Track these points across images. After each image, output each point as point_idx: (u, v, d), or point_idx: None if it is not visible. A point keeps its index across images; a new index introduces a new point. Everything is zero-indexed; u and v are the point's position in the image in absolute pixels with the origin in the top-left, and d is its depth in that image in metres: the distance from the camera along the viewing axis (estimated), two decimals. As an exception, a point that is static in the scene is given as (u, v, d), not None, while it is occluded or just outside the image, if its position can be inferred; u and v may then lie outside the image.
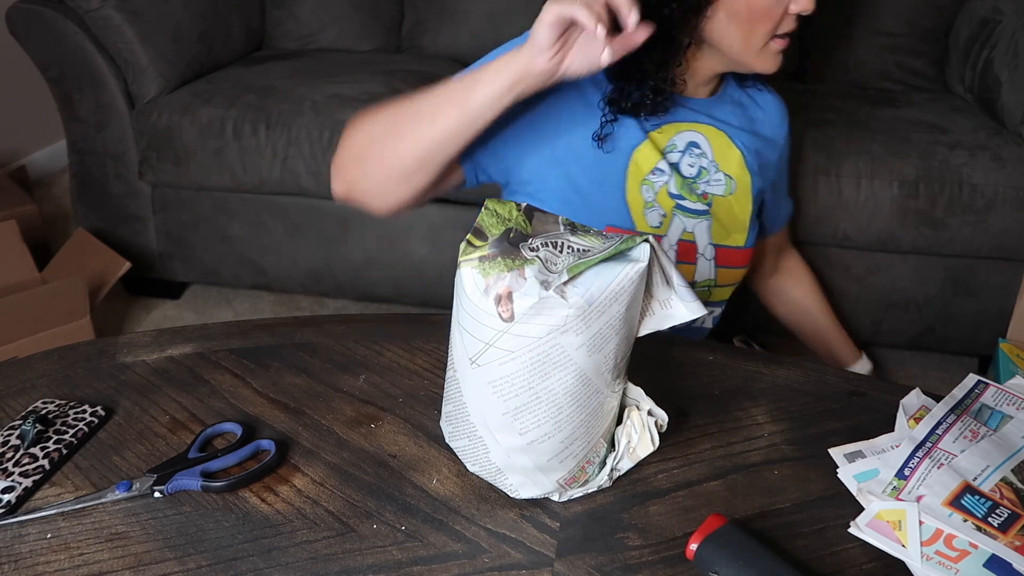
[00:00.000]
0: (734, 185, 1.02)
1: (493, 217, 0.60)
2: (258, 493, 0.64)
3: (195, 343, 0.82)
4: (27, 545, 0.59)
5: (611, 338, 0.57)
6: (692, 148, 0.99)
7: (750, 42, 0.93)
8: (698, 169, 0.99)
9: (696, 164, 0.99)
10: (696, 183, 1.00)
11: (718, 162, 1.01)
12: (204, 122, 1.80)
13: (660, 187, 0.97)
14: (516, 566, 0.58)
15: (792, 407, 0.75)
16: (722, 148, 1.01)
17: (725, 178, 1.01)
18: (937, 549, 0.57)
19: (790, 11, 0.92)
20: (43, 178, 2.70)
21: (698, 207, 1.00)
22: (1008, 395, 0.73)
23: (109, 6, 1.79)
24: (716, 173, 1.01)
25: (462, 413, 0.61)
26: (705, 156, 1.00)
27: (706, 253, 1.02)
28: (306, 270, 1.94)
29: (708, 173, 1.00)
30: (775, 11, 0.91)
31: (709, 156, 1.00)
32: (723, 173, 1.01)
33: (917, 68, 2.02)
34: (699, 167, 0.99)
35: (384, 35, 2.29)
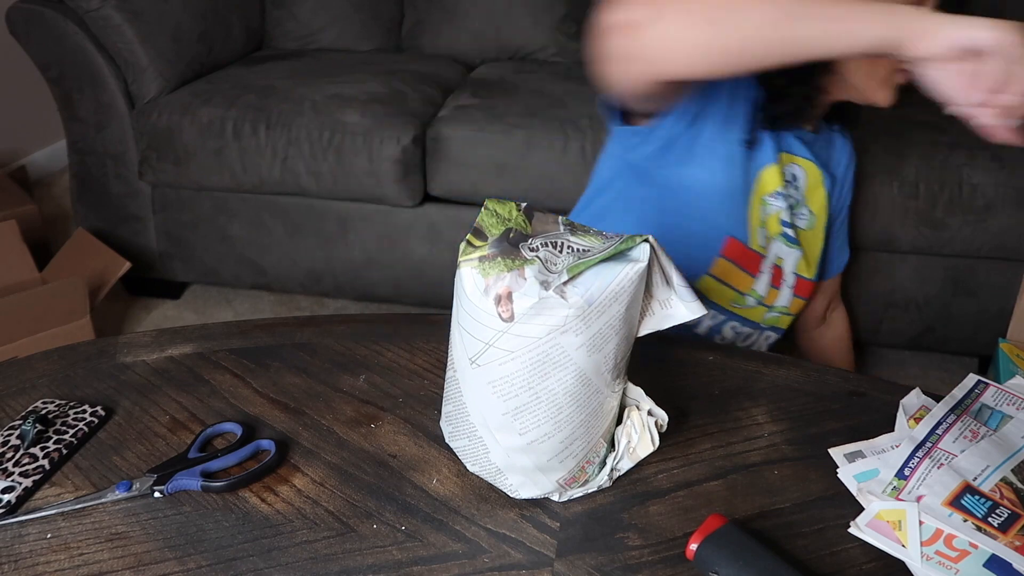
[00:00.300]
0: (815, 221, 1.04)
1: (493, 217, 0.60)
2: (258, 493, 0.64)
3: (195, 343, 0.82)
4: (27, 545, 0.59)
5: (611, 338, 0.57)
6: (793, 181, 1.00)
7: (875, 72, 0.90)
8: (793, 201, 1.00)
9: (792, 196, 1.00)
10: (794, 214, 1.01)
11: (807, 197, 1.02)
12: (204, 122, 1.80)
13: (773, 212, 0.97)
14: (516, 566, 0.58)
15: (792, 407, 0.75)
16: (813, 185, 1.02)
17: (809, 214, 1.03)
18: (937, 549, 0.57)
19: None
20: (43, 178, 2.70)
21: (795, 237, 1.01)
22: (1008, 395, 0.73)
23: (109, 6, 1.79)
24: (803, 208, 1.02)
25: (462, 413, 0.61)
26: (799, 190, 1.01)
27: (788, 281, 1.04)
28: (306, 270, 1.94)
29: (799, 206, 1.02)
30: None
31: (802, 190, 1.01)
32: (807, 208, 1.03)
33: (917, 68, 2.02)
34: (794, 199, 1.00)
35: (384, 35, 2.29)
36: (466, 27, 2.21)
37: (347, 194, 1.82)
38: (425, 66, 2.07)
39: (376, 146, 1.74)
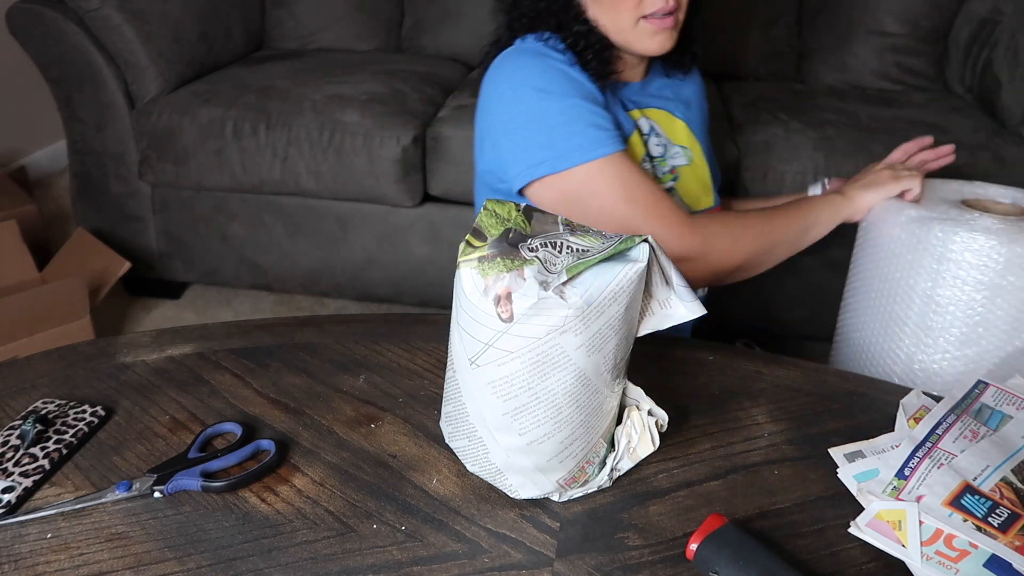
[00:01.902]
0: (690, 154, 1.07)
1: (492, 217, 0.60)
2: (258, 493, 0.64)
3: (195, 343, 0.82)
4: (27, 545, 0.59)
5: (610, 338, 0.57)
6: (653, 130, 1.05)
7: (618, 23, 0.96)
8: (662, 147, 1.05)
9: (660, 143, 1.05)
10: (664, 160, 1.05)
11: (670, 137, 1.06)
12: (204, 122, 1.80)
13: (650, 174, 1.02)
14: (516, 566, 0.58)
15: (792, 407, 0.75)
16: (668, 124, 1.07)
17: (681, 150, 1.07)
18: (937, 549, 0.57)
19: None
20: (43, 178, 2.70)
21: (667, 186, 1.05)
22: (1008, 395, 0.73)
23: (109, 6, 1.79)
24: (673, 148, 1.06)
25: (462, 413, 0.61)
26: (661, 135, 1.05)
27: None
28: (306, 270, 1.94)
29: (668, 149, 1.06)
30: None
31: (663, 134, 1.05)
32: (678, 146, 1.07)
33: (917, 68, 2.02)
34: (663, 145, 1.05)
35: (384, 35, 2.29)
36: (466, 27, 2.21)
37: (347, 194, 1.82)
38: (425, 66, 2.07)
39: (376, 146, 1.74)
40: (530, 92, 0.93)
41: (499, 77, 0.97)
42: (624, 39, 0.98)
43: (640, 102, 1.05)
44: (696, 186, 1.07)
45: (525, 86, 0.94)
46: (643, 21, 0.95)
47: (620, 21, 0.96)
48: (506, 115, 0.96)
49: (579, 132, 0.91)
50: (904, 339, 0.96)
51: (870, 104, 1.86)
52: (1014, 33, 1.75)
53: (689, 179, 1.06)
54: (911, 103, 1.88)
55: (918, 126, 1.71)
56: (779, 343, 1.85)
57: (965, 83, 1.93)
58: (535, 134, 0.93)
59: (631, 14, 0.95)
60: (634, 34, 0.97)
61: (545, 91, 0.93)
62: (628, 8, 0.94)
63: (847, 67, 2.05)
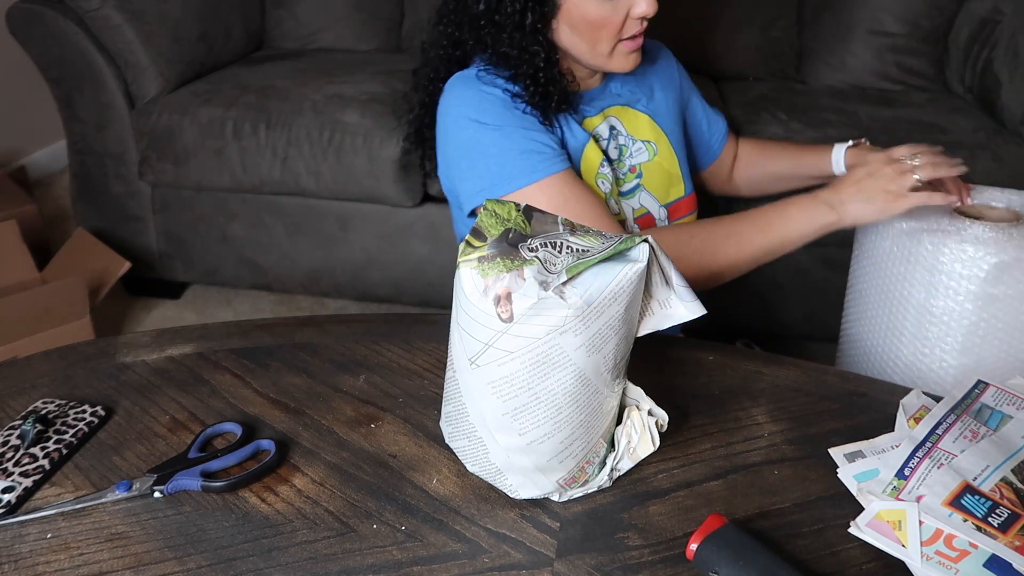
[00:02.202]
0: (655, 147, 1.08)
1: (492, 218, 0.60)
2: (258, 493, 0.64)
3: (195, 343, 0.82)
4: (27, 545, 0.59)
5: (610, 338, 0.57)
6: (613, 132, 1.06)
7: (596, 49, 0.97)
8: (619, 148, 1.06)
9: (617, 145, 1.06)
10: (622, 161, 1.06)
11: (632, 134, 1.07)
12: (204, 122, 1.80)
13: (612, 180, 1.03)
14: (516, 566, 0.58)
15: (792, 407, 0.75)
16: (630, 120, 1.07)
17: (644, 144, 1.07)
18: (937, 549, 0.57)
19: (633, 15, 0.95)
20: (43, 178, 2.70)
21: (631, 185, 1.06)
22: (1008, 395, 0.73)
23: (109, 6, 1.79)
24: (635, 144, 1.07)
25: (462, 413, 0.61)
26: (622, 134, 1.06)
27: (659, 216, 1.08)
28: (306, 270, 1.94)
29: (628, 147, 1.06)
30: (613, 19, 0.94)
31: (625, 132, 1.06)
32: (641, 141, 1.07)
33: (917, 68, 2.02)
34: (619, 146, 1.06)
35: (384, 35, 2.29)
36: (466, 27, 2.21)
37: (347, 194, 1.82)
38: (425, 66, 2.07)
39: (376, 146, 1.74)
40: (467, 124, 0.97)
41: (443, 109, 1.01)
42: (600, 62, 0.99)
43: (600, 105, 1.06)
44: (661, 179, 1.08)
45: (463, 118, 0.98)
46: (620, 44, 0.97)
47: (599, 46, 0.97)
48: (449, 146, 1.00)
49: (511, 160, 0.95)
50: (903, 349, 0.96)
51: (870, 104, 1.86)
52: (1014, 33, 1.75)
53: (653, 173, 1.07)
54: (911, 103, 1.88)
55: (918, 126, 1.71)
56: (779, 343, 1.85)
57: (965, 83, 1.93)
58: (474, 163, 0.97)
59: (611, 40, 0.96)
60: (611, 57, 0.98)
61: (480, 122, 0.96)
62: (609, 34, 0.95)
63: (847, 67, 2.05)
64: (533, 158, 0.95)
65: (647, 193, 1.07)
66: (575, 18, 0.95)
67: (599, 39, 0.96)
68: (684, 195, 1.11)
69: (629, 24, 0.95)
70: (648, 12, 0.94)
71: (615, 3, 0.93)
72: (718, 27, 2.08)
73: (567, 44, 0.98)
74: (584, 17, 0.94)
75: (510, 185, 0.94)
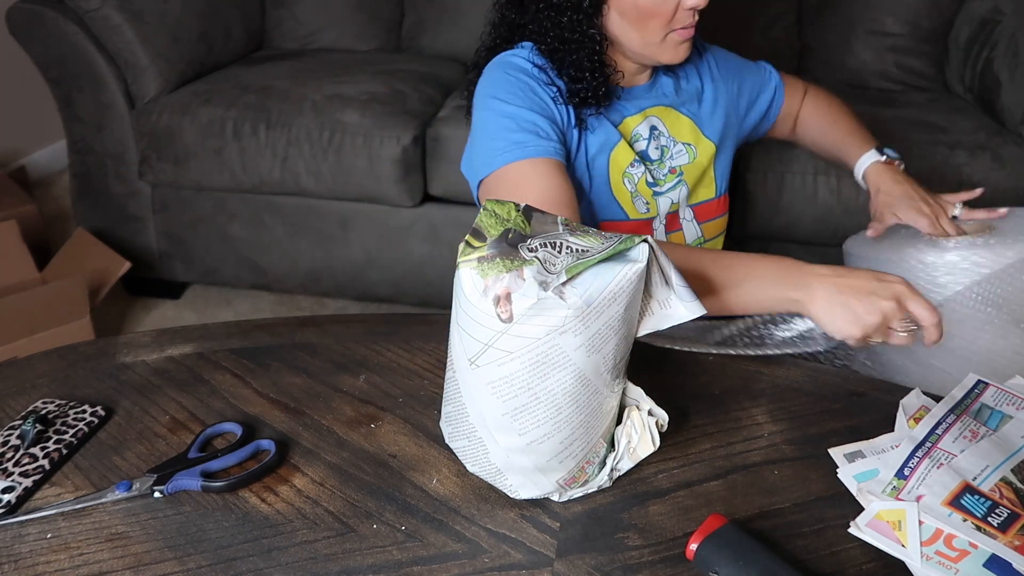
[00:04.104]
0: (695, 150, 1.08)
1: (492, 218, 0.60)
2: (258, 493, 0.64)
3: (195, 343, 0.82)
4: (27, 545, 0.59)
5: (610, 338, 0.57)
6: (654, 132, 1.06)
7: (646, 38, 0.97)
8: (661, 149, 1.06)
9: (659, 145, 1.06)
10: (663, 162, 1.06)
11: (674, 136, 1.07)
12: (204, 122, 1.80)
13: (639, 178, 1.03)
14: (516, 566, 0.58)
15: (792, 407, 0.75)
16: (672, 122, 1.07)
17: (685, 147, 1.08)
18: (937, 549, 0.57)
19: (684, 6, 0.94)
20: (43, 178, 2.70)
21: (668, 184, 1.06)
22: (1008, 395, 0.73)
23: (109, 6, 1.79)
24: (676, 146, 1.07)
25: (461, 414, 0.61)
26: (664, 135, 1.06)
27: (686, 216, 1.09)
28: (306, 270, 1.94)
29: (670, 149, 1.07)
30: (664, 8, 0.94)
31: (667, 133, 1.07)
32: (682, 143, 1.07)
33: (917, 68, 2.02)
34: (661, 147, 1.06)
35: (384, 35, 2.29)
36: (466, 27, 2.21)
37: (347, 194, 1.82)
38: (425, 66, 2.07)
39: (376, 146, 1.74)
40: (488, 102, 0.98)
41: (478, 90, 1.02)
42: (650, 52, 0.99)
43: (642, 104, 1.06)
44: (695, 180, 1.09)
45: (487, 96, 0.98)
46: (672, 34, 0.97)
47: (649, 35, 0.96)
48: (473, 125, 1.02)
49: (503, 137, 0.94)
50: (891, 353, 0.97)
51: (870, 104, 1.86)
52: (1014, 33, 1.75)
53: (690, 175, 1.08)
54: (911, 103, 1.88)
55: (918, 126, 1.71)
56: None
57: (965, 83, 1.93)
58: (480, 140, 0.98)
59: (662, 29, 0.96)
60: (661, 47, 0.98)
61: (497, 99, 0.97)
62: (660, 24, 0.95)
63: (847, 67, 2.05)
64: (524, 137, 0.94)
65: (685, 188, 1.07)
66: (626, 5, 0.94)
67: (649, 28, 0.95)
68: (714, 197, 1.11)
69: (681, 15, 0.95)
70: (699, 3, 0.93)
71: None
72: (718, 27, 2.08)
73: (617, 32, 0.97)
74: (635, 4, 0.94)
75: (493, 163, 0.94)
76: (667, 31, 0.96)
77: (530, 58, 1.00)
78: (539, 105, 0.97)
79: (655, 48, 0.98)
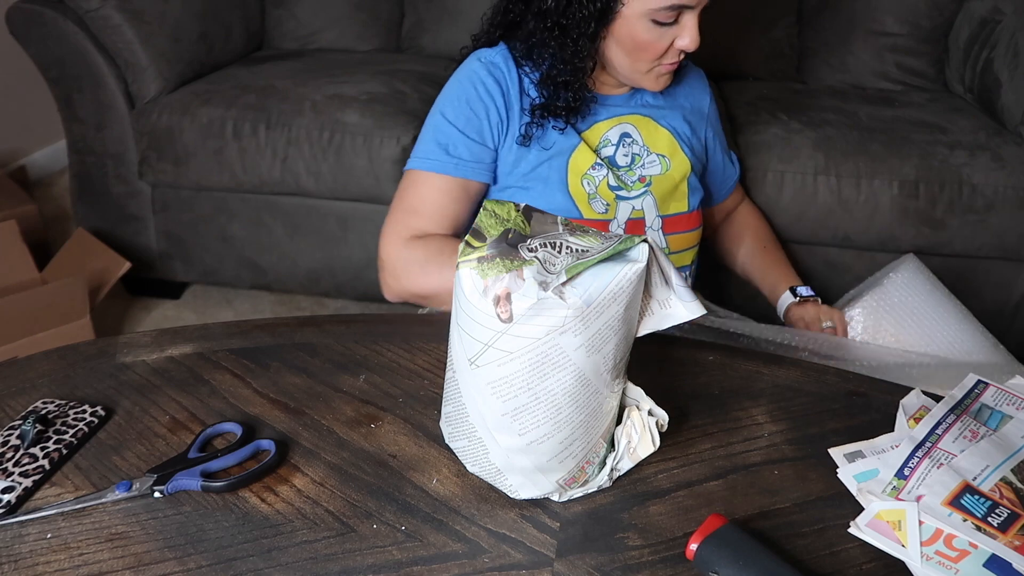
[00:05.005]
0: (669, 162, 1.11)
1: (492, 218, 0.60)
2: (258, 493, 0.64)
3: (195, 343, 0.82)
4: (27, 545, 0.59)
5: (610, 338, 0.57)
6: (624, 139, 1.09)
7: (635, 67, 1.02)
8: (631, 156, 1.09)
9: (629, 152, 1.09)
10: (632, 169, 1.09)
11: (648, 145, 1.10)
12: (204, 122, 1.80)
13: (600, 181, 1.06)
14: (516, 566, 0.58)
15: (792, 407, 0.75)
16: (650, 132, 1.10)
17: (659, 158, 1.10)
18: (937, 549, 0.57)
19: (676, 46, 1.00)
20: (43, 178, 2.70)
21: (636, 192, 1.08)
22: (1008, 395, 0.73)
23: (109, 6, 1.79)
24: (649, 156, 1.10)
25: (461, 414, 0.61)
26: (637, 143, 1.09)
27: (654, 225, 1.11)
28: (306, 270, 1.94)
29: (642, 158, 1.09)
30: (658, 44, 0.99)
31: (640, 142, 1.09)
32: (656, 154, 1.10)
33: (917, 68, 2.02)
34: (632, 154, 1.09)
35: (384, 35, 2.29)
36: (466, 27, 2.19)
37: (347, 194, 1.82)
38: (425, 66, 2.07)
39: (376, 146, 1.74)
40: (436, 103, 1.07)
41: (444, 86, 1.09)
42: (635, 78, 1.04)
43: (617, 111, 1.09)
44: (667, 192, 1.11)
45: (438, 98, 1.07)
46: (659, 66, 1.02)
47: (638, 65, 1.02)
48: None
49: (424, 143, 1.06)
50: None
51: (870, 104, 1.86)
52: (1014, 33, 1.75)
53: (661, 185, 1.10)
54: (911, 103, 1.88)
55: (918, 126, 1.71)
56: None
57: (965, 83, 1.93)
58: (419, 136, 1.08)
59: (651, 62, 1.01)
60: (645, 76, 1.04)
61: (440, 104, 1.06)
62: (650, 57, 1.00)
63: (847, 67, 2.05)
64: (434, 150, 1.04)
65: (651, 198, 1.09)
66: (623, 35, 0.99)
67: (640, 59, 1.01)
68: (686, 211, 1.13)
69: (670, 52, 1.00)
70: (690, 47, 0.99)
71: (663, 31, 0.97)
72: (718, 27, 2.08)
73: (609, 55, 1.03)
74: (632, 36, 0.98)
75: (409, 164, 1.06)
76: (655, 64, 1.01)
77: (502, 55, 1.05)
78: (469, 121, 1.03)
79: (640, 76, 1.03)
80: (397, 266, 1.03)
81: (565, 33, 0.99)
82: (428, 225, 1.04)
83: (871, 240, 1.66)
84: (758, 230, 1.38)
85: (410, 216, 1.04)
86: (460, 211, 1.06)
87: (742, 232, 1.36)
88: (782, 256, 1.34)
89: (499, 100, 1.03)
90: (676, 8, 0.95)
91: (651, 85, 1.05)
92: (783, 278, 1.27)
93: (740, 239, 1.36)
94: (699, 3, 0.97)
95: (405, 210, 1.05)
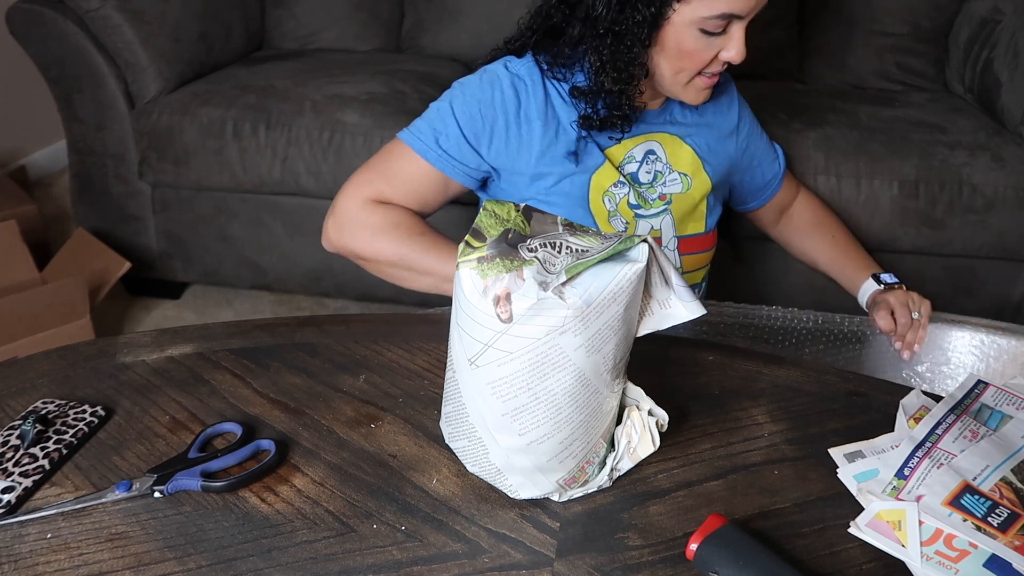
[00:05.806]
0: (690, 181, 1.09)
1: (492, 218, 0.60)
2: (258, 493, 0.64)
3: (195, 343, 0.82)
4: (27, 545, 0.59)
5: (610, 338, 0.57)
6: (649, 156, 1.07)
7: (677, 77, 1.00)
8: (654, 174, 1.07)
9: (652, 170, 1.07)
10: (653, 187, 1.07)
11: (671, 163, 1.08)
12: (204, 122, 1.80)
13: (621, 199, 1.05)
14: (516, 566, 0.58)
15: (792, 407, 0.75)
16: (674, 150, 1.09)
17: (680, 176, 1.09)
18: (937, 549, 0.57)
19: (721, 57, 0.98)
20: (43, 178, 2.70)
21: (656, 210, 1.08)
22: (1008, 395, 0.73)
23: (109, 6, 1.79)
24: (671, 174, 1.08)
25: (461, 414, 0.61)
26: (660, 160, 1.08)
27: (670, 245, 1.10)
28: (306, 270, 1.94)
29: (664, 175, 1.08)
30: (704, 54, 0.97)
31: (664, 160, 1.08)
32: (678, 172, 1.09)
33: (917, 68, 2.02)
34: (655, 172, 1.08)
35: (384, 35, 2.29)
36: (466, 27, 2.21)
37: (347, 194, 1.81)
38: (425, 66, 2.07)
39: (376, 146, 1.74)
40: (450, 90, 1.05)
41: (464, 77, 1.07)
42: (674, 89, 1.02)
43: (646, 128, 1.07)
44: (686, 212, 1.10)
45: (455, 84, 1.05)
46: (699, 78, 1.00)
47: (680, 75, 0.99)
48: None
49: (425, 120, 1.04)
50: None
51: (870, 104, 1.85)
52: (1014, 33, 1.75)
53: (681, 205, 1.09)
54: (911, 103, 1.88)
55: (918, 126, 1.71)
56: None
57: (965, 83, 1.93)
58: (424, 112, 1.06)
59: (692, 72, 0.99)
60: (686, 88, 1.01)
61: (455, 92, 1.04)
62: (694, 66, 0.98)
63: (847, 67, 2.05)
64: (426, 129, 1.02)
65: (670, 217, 1.09)
66: (669, 42, 0.97)
67: (682, 68, 0.98)
68: (703, 231, 1.12)
69: (714, 64, 0.98)
70: (736, 59, 0.97)
71: (710, 41, 0.96)
72: (718, 27, 2.08)
73: (653, 64, 1.00)
74: (678, 45, 0.96)
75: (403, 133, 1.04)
76: (696, 74, 0.99)
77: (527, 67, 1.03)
78: (472, 120, 1.01)
79: (680, 88, 1.01)
80: (347, 222, 1.02)
81: (619, 40, 0.96)
82: (395, 195, 1.03)
83: (871, 240, 1.65)
84: (823, 220, 1.33)
85: (381, 179, 1.03)
86: (431, 198, 1.05)
87: (805, 226, 1.32)
88: (854, 244, 1.29)
89: (511, 114, 1.02)
90: (726, 17, 0.94)
91: (691, 97, 1.02)
92: (862, 267, 1.22)
93: (805, 233, 1.31)
94: (749, 13, 0.95)
95: (380, 171, 1.04)
